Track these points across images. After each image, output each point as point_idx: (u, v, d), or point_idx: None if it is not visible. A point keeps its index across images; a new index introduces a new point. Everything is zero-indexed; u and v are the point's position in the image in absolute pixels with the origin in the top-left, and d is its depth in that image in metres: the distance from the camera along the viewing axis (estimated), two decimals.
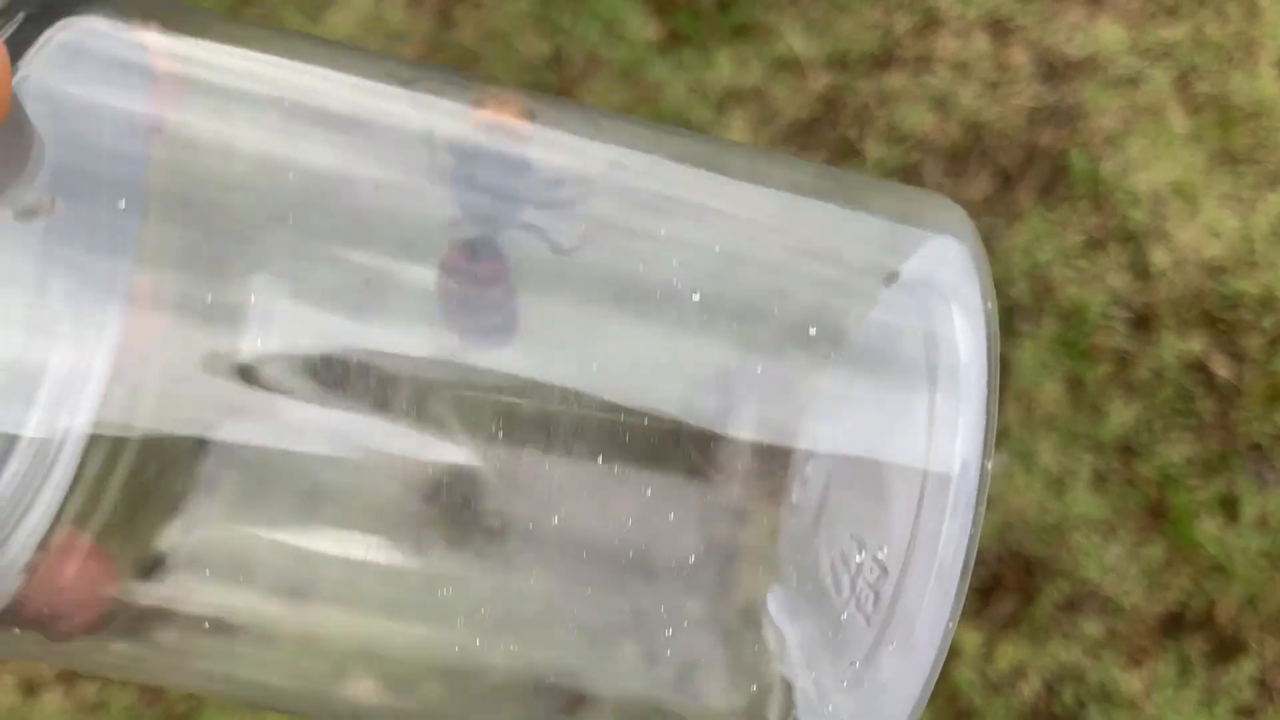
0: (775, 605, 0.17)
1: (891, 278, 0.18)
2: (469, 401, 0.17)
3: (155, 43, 0.17)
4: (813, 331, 0.17)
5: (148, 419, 0.16)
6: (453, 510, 0.17)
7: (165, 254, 0.16)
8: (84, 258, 0.16)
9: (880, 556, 0.17)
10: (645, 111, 0.71)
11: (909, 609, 0.17)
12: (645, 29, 0.72)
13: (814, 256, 0.18)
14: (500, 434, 0.16)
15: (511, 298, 0.17)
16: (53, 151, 0.15)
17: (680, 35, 0.72)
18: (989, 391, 0.17)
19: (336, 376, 0.16)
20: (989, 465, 0.17)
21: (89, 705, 0.61)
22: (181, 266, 0.16)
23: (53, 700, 0.61)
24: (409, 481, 0.17)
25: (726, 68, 0.71)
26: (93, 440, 0.16)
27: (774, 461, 0.17)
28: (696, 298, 0.17)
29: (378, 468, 0.17)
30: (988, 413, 0.17)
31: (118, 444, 0.16)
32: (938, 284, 0.18)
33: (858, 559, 0.17)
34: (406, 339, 0.17)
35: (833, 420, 0.17)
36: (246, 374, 0.16)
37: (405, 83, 0.18)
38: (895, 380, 0.18)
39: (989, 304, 0.17)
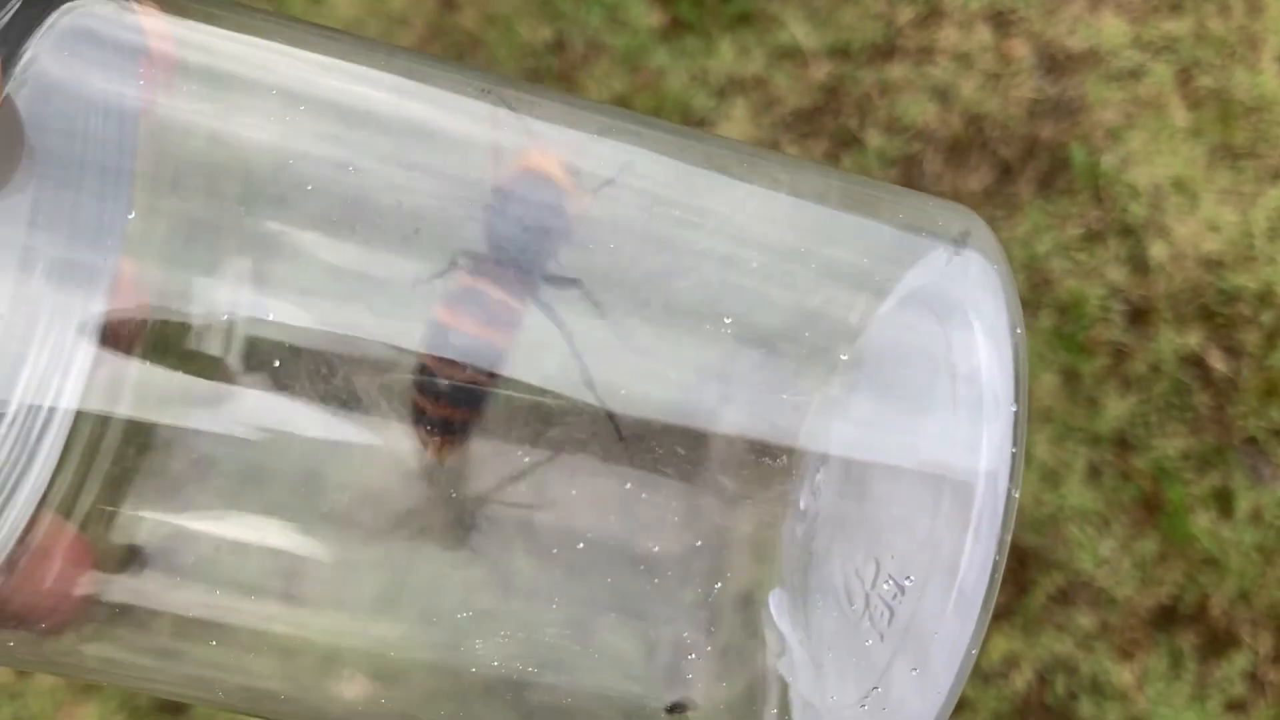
0: (777, 607, 0.17)
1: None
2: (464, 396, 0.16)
3: (154, 26, 0.17)
4: (828, 338, 0.17)
5: (130, 406, 0.16)
6: (446, 504, 0.17)
7: (152, 239, 0.16)
8: (70, 242, 0.15)
9: (897, 573, 0.16)
10: (646, 98, 0.70)
11: (926, 631, 0.16)
12: (647, 16, 0.72)
13: (831, 262, 0.18)
14: (508, 432, 0.16)
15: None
16: (49, 136, 0.15)
17: (682, 22, 0.72)
18: (1018, 408, 0.16)
19: (325, 368, 0.16)
20: (1016, 494, 0.16)
21: (82, 684, 0.61)
22: (168, 252, 0.16)
23: (45, 677, 0.61)
24: (399, 474, 0.16)
25: (728, 55, 0.71)
26: (75, 427, 0.15)
27: (780, 465, 0.16)
28: (712, 301, 0.17)
29: (367, 460, 0.17)
30: (1016, 432, 0.16)
31: (100, 431, 0.16)
32: (959, 293, 0.17)
33: (873, 573, 0.16)
34: (398, 333, 0.16)
35: (847, 427, 0.17)
36: (232, 362, 0.16)
37: (408, 75, 0.18)
38: (914, 389, 0.17)
39: (1018, 329, 0.17)
